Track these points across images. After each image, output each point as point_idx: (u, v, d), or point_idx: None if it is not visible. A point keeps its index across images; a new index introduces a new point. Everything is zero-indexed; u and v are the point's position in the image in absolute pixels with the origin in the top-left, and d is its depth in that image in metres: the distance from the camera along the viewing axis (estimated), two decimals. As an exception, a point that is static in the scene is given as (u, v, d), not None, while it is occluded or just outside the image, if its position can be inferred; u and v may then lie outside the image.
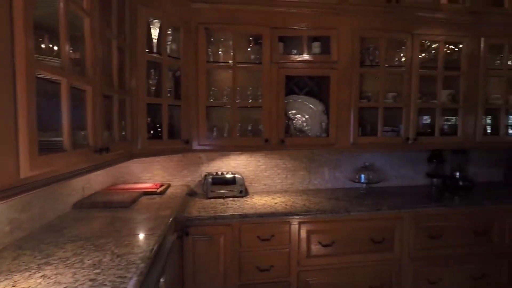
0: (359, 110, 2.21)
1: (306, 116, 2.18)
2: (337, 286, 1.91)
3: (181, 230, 1.72)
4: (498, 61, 2.38)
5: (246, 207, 1.91)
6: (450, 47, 2.33)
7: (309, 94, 2.23)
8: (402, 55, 2.22)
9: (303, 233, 1.85)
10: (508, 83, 2.40)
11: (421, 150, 2.49)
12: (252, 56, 2.09)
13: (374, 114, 2.15)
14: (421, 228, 1.96)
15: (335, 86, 2.03)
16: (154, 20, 1.76)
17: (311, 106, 2.18)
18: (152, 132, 1.94)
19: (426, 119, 2.45)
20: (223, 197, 2.12)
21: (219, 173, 2.21)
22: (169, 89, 1.93)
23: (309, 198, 2.12)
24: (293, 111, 2.17)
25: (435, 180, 2.49)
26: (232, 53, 1.95)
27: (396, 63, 2.26)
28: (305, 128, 2.16)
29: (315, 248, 1.87)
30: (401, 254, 1.96)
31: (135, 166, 2.22)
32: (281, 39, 2.03)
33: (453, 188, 2.43)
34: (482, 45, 2.20)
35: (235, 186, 2.15)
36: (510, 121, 2.44)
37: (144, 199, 1.84)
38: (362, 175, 2.33)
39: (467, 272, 2.06)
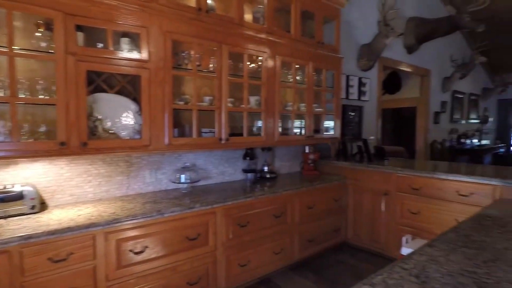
0: (177, 111, 2.26)
1: (119, 117, 2.02)
2: (154, 291, 1.86)
3: None
4: (290, 75, 2.96)
5: (35, 225, 1.57)
6: (258, 58, 2.73)
7: (122, 93, 2.08)
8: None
9: (112, 244, 1.70)
10: (298, 94, 3.05)
11: (237, 149, 2.79)
12: (44, 44, 1.74)
13: (198, 116, 2.23)
14: (232, 219, 2.19)
15: (147, 86, 1.97)
16: None
17: (123, 106, 2.04)
18: None
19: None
20: (4, 217, 1.67)
21: (0, 187, 1.73)
22: None
23: (124, 205, 1.97)
24: (102, 111, 1.96)
25: (249, 174, 2.87)
26: (8, 36, 1.55)
27: (211, 68, 2.43)
28: (117, 130, 1.99)
29: (126, 257, 1.75)
30: (215, 246, 2.12)
31: None
32: (81, 28, 1.79)
33: (262, 180, 2.87)
34: (277, 62, 2.67)
35: (23, 202, 1.74)
36: (298, 123, 3.10)
37: None
38: (183, 175, 2.38)
39: (270, 249, 2.45)
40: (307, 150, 3.28)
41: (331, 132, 3.31)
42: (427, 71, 5.48)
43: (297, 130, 3.06)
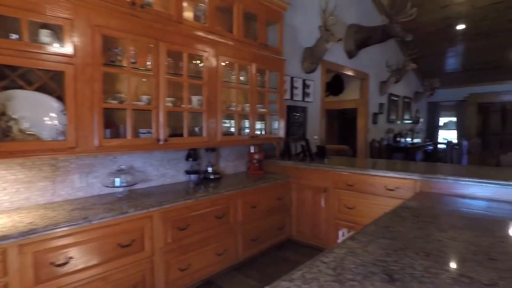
0: (110, 111, 2.14)
1: (39, 117, 1.83)
2: (82, 305, 1.72)
3: None
4: (234, 76, 2.96)
5: None
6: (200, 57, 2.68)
7: (44, 90, 1.88)
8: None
9: (27, 258, 1.53)
10: (243, 95, 3.07)
11: (178, 150, 2.72)
12: None
13: (133, 116, 2.11)
14: (170, 223, 2.11)
15: (72, 83, 1.81)
16: None
17: (45, 104, 1.85)
18: None
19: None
20: None
21: None
22: None
23: (46, 213, 1.79)
24: (19, 110, 1.76)
25: (192, 176, 2.80)
26: None
27: (149, 66, 2.33)
28: (38, 131, 1.81)
29: (47, 270, 1.59)
30: (152, 251, 2.03)
31: None
32: (-11, 16, 1.59)
33: (206, 181, 2.82)
34: (219, 61, 2.65)
35: None
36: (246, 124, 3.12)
37: None
38: (117, 179, 2.25)
39: (212, 251, 2.42)
40: (252, 150, 3.31)
41: (276, 132, 3.39)
42: (366, 75, 5.90)
43: (247, 130, 3.07)
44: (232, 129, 3.03)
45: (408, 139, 8.01)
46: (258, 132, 3.20)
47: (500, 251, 1.19)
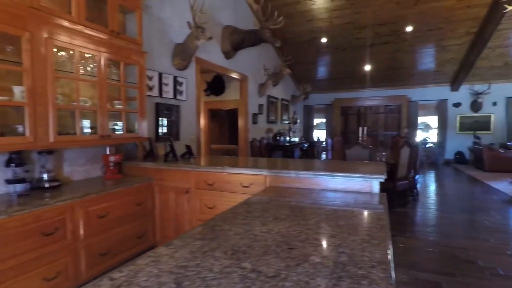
0: None
1: None
2: None
3: None
4: (82, 66, 2.53)
5: None
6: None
7: None
8: None
9: None
10: (93, 88, 2.67)
11: (-7, 154, 2.14)
12: None
13: None
14: (-40, 250, 1.61)
15: None
16: None
17: None
18: None
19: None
20: None
21: None
22: None
23: None
24: None
25: (17, 185, 2.25)
26: None
27: None
28: None
29: None
30: None
31: None
32: None
33: (39, 191, 2.32)
34: (48, 45, 2.20)
35: None
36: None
37: None
38: None
39: (38, 277, 1.97)
40: (108, 152, 2.92)
41: (137, 132, 3.09)
42: (244, 77, 6.13)
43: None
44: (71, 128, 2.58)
45: (287, 138, 8.79)
46: (117, 132, 2.85)
47: (302, 239, 1.27)
